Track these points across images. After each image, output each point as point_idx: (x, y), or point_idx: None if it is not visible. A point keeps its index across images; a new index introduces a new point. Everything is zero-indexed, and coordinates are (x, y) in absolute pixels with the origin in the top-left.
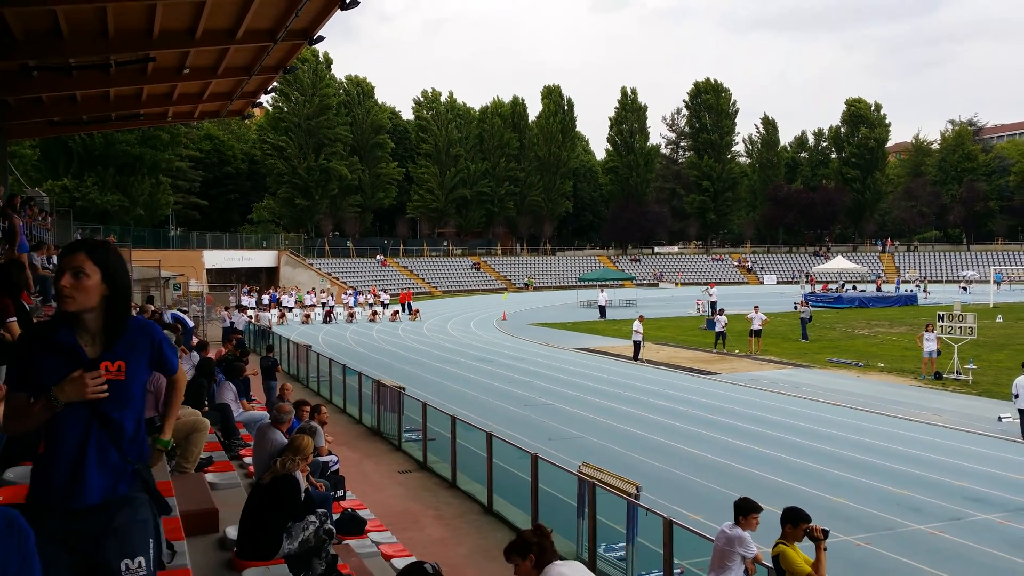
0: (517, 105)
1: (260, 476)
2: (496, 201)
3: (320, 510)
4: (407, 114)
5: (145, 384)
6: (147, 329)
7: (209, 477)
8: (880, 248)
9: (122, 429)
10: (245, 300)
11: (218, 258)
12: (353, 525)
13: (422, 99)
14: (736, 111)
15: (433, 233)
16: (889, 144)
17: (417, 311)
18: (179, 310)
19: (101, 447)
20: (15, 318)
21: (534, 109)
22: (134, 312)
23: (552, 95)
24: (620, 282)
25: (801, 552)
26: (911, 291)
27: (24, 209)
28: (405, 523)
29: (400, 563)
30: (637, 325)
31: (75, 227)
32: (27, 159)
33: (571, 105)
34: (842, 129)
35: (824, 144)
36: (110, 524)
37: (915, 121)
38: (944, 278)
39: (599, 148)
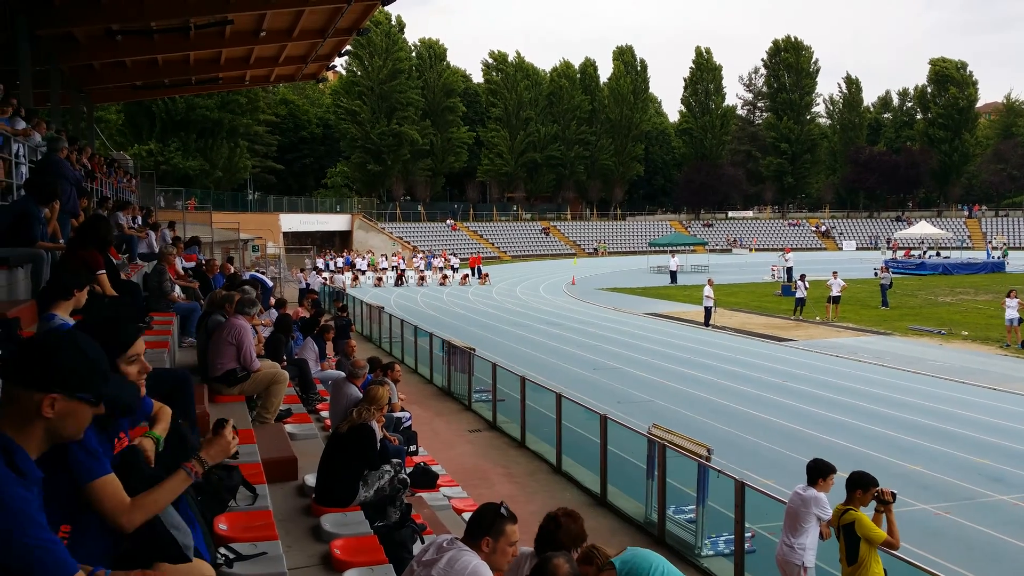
0: (588, 67)
1: (337, 426)
2: (566, 165)
3: (395, 460)
4: (477, 77)
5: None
6: None
7: (288, 428)
8: (966, 213)
9: None
10: (320, 263)
11: (294, 221)
12: (425, 479)
13: (491, 61)
14: (817, 70)
15: (503, 197)
16: (979, 104)
17: (487, 275)
18: (257, 271)
19: None
20: (104, 271)
21: (605, 71)
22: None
23: (624, 56)
24: (692, 247)
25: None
26: (997, 258)
27: (110, 171)
28: (475, 480)
29: None
30: (707, 290)
31: (158, 190)
32: (112, 124)
33: (644, 66)
34: (928, 89)
35: (909, 104)
36: None
37: (1008, 79)
38: None
39: (672, 110)
